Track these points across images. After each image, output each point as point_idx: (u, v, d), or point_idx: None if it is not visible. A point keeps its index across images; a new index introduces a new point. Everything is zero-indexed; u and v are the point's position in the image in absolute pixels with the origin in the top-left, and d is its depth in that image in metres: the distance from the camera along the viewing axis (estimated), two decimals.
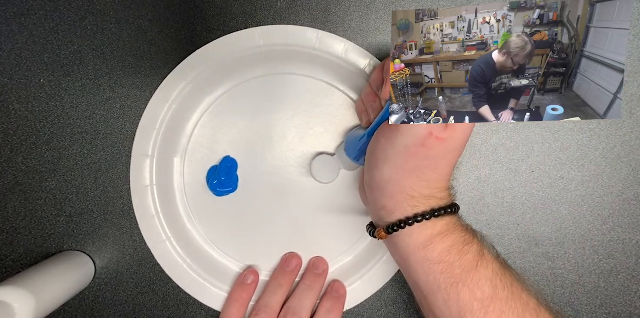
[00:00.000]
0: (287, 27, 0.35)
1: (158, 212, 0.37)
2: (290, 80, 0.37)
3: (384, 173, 0.28)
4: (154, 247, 0.37)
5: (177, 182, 0.38)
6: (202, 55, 0.36)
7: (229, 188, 0.38)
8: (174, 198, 0.38)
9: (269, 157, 0.38)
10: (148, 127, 0.37)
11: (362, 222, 0.38)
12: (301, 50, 0.36)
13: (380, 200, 0.29)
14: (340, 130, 0.38)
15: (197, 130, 0.38)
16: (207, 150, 0.38)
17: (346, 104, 0.37)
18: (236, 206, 0.38)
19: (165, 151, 0.37)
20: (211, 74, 0.36)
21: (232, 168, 0.37)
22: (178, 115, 0.37)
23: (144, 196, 0.37)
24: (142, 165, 0.37)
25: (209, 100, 0.37)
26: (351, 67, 0.36)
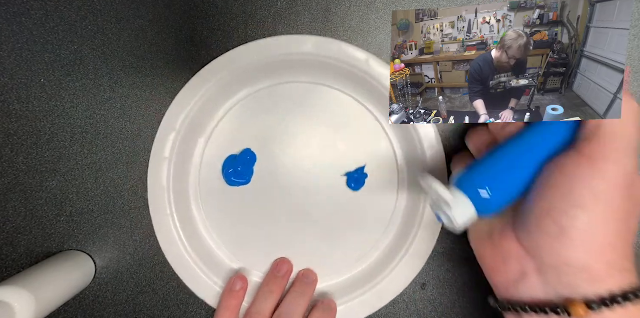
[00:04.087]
0: (340, 43, 0.35)
1: (169, 187, 0.37)
2: (324, 91, 0.37)
3: (592, 218, 0.20)
4: (157, 221, 0.37)
5: (195, 161, 0.38)
6: (251, 51, 0.36)
7: (242, 180, 0.38)
8: (187, 177, 0.38)
9: (287, 160, 0.38)
10: (183, 103, 0.37)
11: (364, 243, 0.38)
12: (349, 68, 0.36)
13: (580, 258, 0.21)
14: (363, 150, 0.37)
15: (227, 117, 0.38)
16: (230, 138, 0.38)
17: (376, 128, 0.37)
18: (244, 200, 0.38)
19: (191, 130, 0.37)
20: (255, 69, 0.36)
21: (251, 161, 0.38)
22: (212, 99, 0.37)
23: (160, 168, 0.37)
24: (167, 138, 0.37)
25: (245, 92, 0.38)
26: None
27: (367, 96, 0.37)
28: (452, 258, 0.37)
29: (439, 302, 0.37)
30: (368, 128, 0.37)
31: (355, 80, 0.36)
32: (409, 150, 0.37)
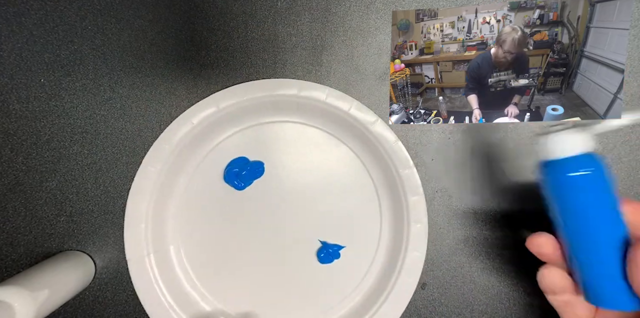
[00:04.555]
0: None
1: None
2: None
3: None
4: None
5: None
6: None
7: (241, 183, 0.37)
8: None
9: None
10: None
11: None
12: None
13: None
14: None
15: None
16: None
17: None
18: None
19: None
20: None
21: (257, 173, 0.37)
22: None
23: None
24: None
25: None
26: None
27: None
28: (452, 258, 0.37)
29: (439, 302, 0.37)
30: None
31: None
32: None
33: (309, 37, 0.36)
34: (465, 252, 0.37)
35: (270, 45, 0.36)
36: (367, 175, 0.37)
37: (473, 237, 0.36)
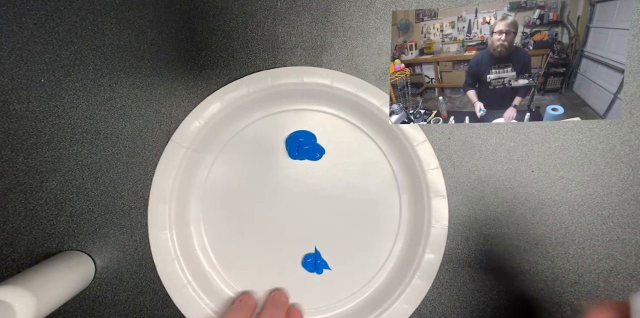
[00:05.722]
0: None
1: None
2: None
3: None
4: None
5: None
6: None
7: (296, 153, 0.37)
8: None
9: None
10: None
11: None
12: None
13: None
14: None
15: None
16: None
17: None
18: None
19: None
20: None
21: (316, 155, 0.38)
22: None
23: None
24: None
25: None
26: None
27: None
28: (452, 259, 0.37)
29: (439, 302, 0.37)
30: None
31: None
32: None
33: (309, 37, 0.36)
34: (465, 252, 0.37)
35: (270, 45, 0.36)
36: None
37: (473, 237, 0.37)
